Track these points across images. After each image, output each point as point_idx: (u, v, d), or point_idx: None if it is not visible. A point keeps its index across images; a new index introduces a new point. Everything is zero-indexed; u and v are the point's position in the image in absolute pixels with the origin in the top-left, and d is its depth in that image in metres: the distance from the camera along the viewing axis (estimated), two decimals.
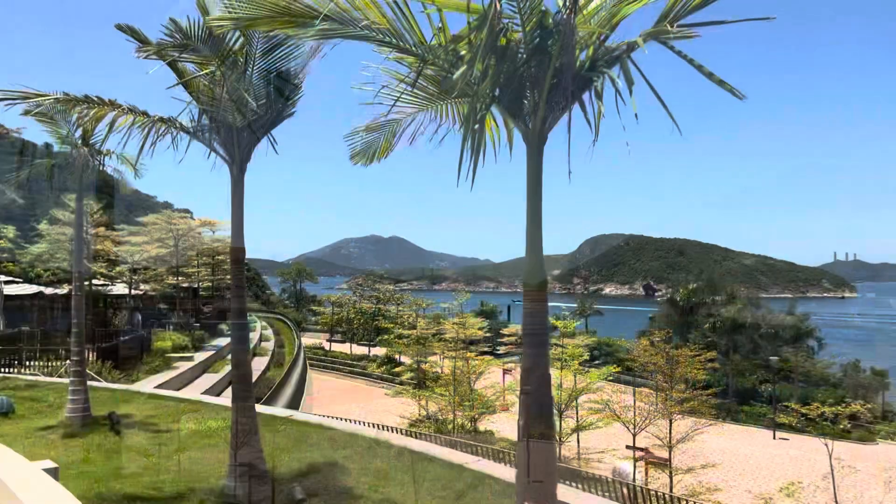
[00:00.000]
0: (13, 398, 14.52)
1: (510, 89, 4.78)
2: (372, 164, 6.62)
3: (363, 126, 6.32)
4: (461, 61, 4.73)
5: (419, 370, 48.51)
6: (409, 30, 4.63)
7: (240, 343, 9.04)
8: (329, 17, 4.40)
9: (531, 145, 4.82)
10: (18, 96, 8.38)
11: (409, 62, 5.07)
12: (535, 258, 4.88)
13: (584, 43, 4.68)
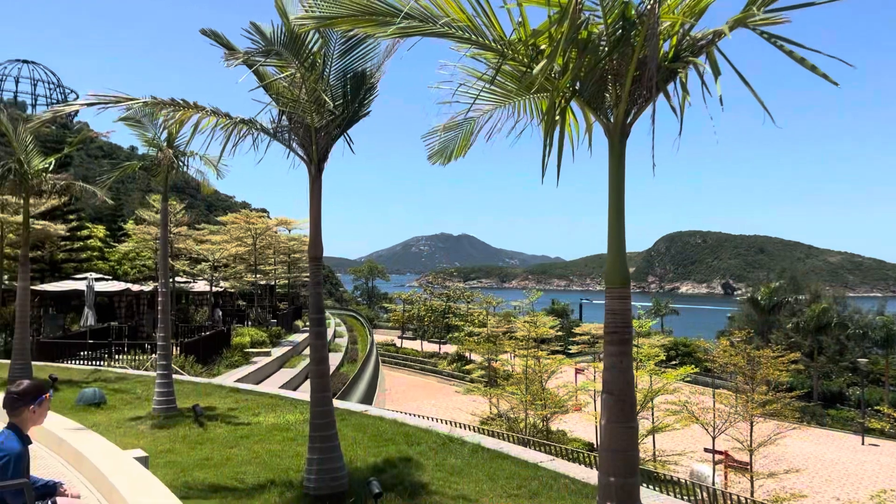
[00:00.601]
0: (105, 390, 15.24)
1: (591, 83, 4.70)
2: (449, 164, 6.63)
3: (441, 125, 6.33)
4: (541, 56, 4.68)
5: (490, 368, 48.48)
6: (488, 25, 4.61)
7: (318, 338, 9.21)
8: (409, 14, 4.43)
9: (613, 139, 4.73)
10: (111, 100, 8.71)
11: (488, 58, 5.05)
12: (617, 254, 4.78)
13: (668, 33, 4.56)
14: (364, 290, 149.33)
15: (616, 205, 4.69)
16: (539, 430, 31.81)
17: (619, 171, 4.68)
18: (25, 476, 4.39)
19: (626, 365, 4.71)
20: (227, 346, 32.27)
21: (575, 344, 51.11)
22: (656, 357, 31.00)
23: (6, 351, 27.37)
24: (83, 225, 43.97)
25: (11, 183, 16.42)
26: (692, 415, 28.51)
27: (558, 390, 34.24)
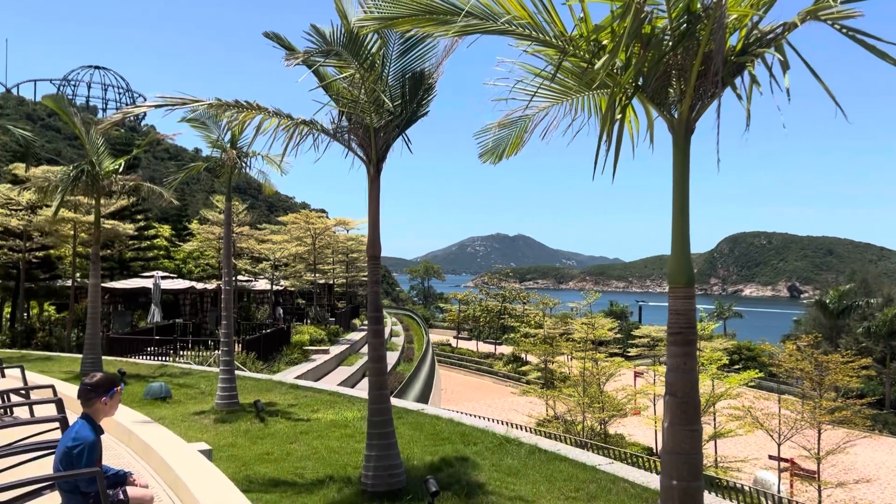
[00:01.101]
0: (170, 385, 15.71)
1: (654, 78, 4.61)
2: (501, 162, 6.59)
3: (495, 123, 6.29)
4: (603, 51, 4.61)
5: (546, 370, 48.13)
6: (549, 22, 4.57)
7: (376, 337, 9.29)
8: (470, 13, 4.42)
9: (677, 135, 4.62)
10: (177, 102, 8.96)
11: (547, 55, 5.00)
12: (681, 253, 4.67)
13: (735, 26, 4.44)
14: (420, 290, 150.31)
15: (680, 202, 4.58)
16: (596, 433, 31.42)
17: (684, 168, 4.57)
18: (98, 465, 4.55)
19: (691, 366, 4.60)
20: (287, 343, 32.88)
21: (634, 346, 50.34)
22: (718, 361, 30.27)
23: (78, 345, 28.53)
24: (150, 225, 45.46)
25: (84, 184, 17.08)
26: (756, 420, 27.74)
27: (616, 393, 33.77)
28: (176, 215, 58.52)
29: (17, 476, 4.87)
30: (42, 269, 35.17)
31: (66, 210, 26.90)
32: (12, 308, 35.93)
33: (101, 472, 4.43)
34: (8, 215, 30.95)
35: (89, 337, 17.55)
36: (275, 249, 43.12)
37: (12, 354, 20.99)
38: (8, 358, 18.67)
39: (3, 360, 10.05)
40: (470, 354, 71.46)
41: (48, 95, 18.06)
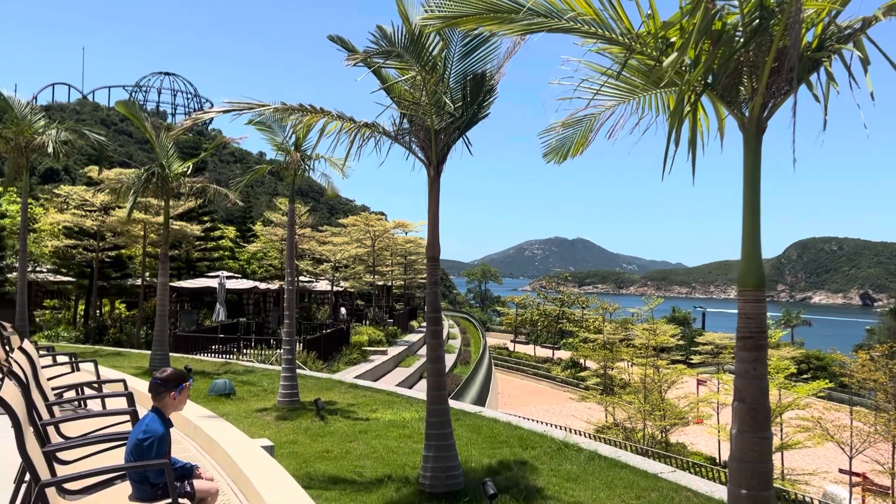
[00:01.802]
0: (234, 382, 16.10)
1: (725, 75, 4.48)
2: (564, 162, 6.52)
3: (559, 122, 6.23)
4: (671, 49, 4.51)
5: (606, 376, 47.44)
6: (616, 19, 4.49)
7: (434, 337, 9.31)
8: (534, 11, 4.39)
9: (748, 135, 4.48)
10: (244, 106, 9.17)
11: (613, 53, 4.92)
12: (752, 256, 4.52)
13: (812, 21, 4.27)
14: (477, 293, 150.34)
15: (751, 203, 4.44)
16: (657, 441, 30.78)
17: (755, 169, 4.42)
18: (167, 457, 4.68)
19: (761, 372, 4.45)
20: (347, 343, 33.33)
21: (697, 354, 49.15)
22: (786, 370, 29.28)
23: (147, 342, 29.55)
24: (216, 226, 46.74)
25: (154, 186, 17.68)
26: (826, 432, 26.71)
27: (678, 401, 33.02)
28: (241, 217, 60.02)
29: (91, 465, 5.05)
30: (114, 267, 36.56)
31: (136, 211, 27.89)
32: (86, 305, 37.46)
33: (170, 464, 4.55)
34: (83, 216, 32.31)
35: (158, 334, 18.13)
36: (335, 251, 43.79)
37: (85, 349, 21.86)
38: (81, 353, 19.46)
39: (77, 355, 10.45)
40: (527, 359, 71.03)
41: (121, 101, 18.78)
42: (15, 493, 5.18)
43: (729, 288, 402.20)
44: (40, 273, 35.67)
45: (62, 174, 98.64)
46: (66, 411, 8.00)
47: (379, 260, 50.03)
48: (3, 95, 20.22)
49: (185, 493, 4.87)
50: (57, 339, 28.30)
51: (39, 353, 9.78)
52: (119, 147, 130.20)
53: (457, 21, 4.56)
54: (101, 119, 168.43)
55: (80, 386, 8.29)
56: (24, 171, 19.50)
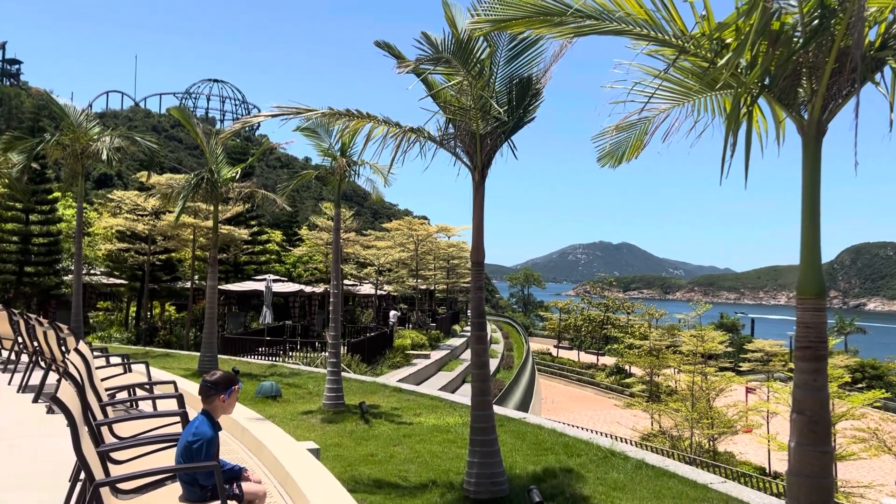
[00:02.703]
0: (280, 384, 16.27)
1: (783, 77, 4.35)
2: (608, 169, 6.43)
3: (612, 126, 6.14)
4: (726, 50, 4.40)
5: (652, 382, 46.72)
6: (669, 20, 4.40)
7: (479, 343, 9.26)
8: (583, 12, 4.33)
9: (807, 137, 4.33)
10: (291, 111, 9.27)
11: (666, 55, 4.82)
12: (811, 263, 4.37)
13: (875, 19, 4.12)
14: (519, 298, 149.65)
15: (810, 208, 4.29)
16: (705, 450, 30.15)
17: (815, 172, 4.28)
18: (216, 459, 4.74)
19: (821, 383, 4.29)
20: (390, 347, 33.49)
21: (746, 361, 48.05)
22: (840, 378, 28.39)
23: (196, 344, 30.14)
24: (263, 230, 47.47)
25: (204, 190, 18.02)
26: (883, 444, 25.80)
27: (727, 410, 32.29)
28: (287, 221, 60.86)
29: (142, 465, 5.14)
30: (164, 271, 37.43)
31: (186, 215, 28.52)
32: (137, 307, 38.42)
33: (219, 466, 4.61)
34: (135, 220, 33.16)
35: (206, 336, 18.46)
36: (379, 255, 44.09)
37: (137, 351, 22.39)
38: (133, 354, 19.92)
39: (129, 357, 10.69)
40: (571, 364, 70.37)
41: (174, 107, 19.18)
42: (70, 491, 5.31)
43: (779, 293, 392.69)
44: (94, 276, 36.73)
45: (115, 179, 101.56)
46: (118, 412, 8.18)
47: (422, 264, 50.19)
48: (60, 104, 20.89)
49: (233, 494, 4.93)
50: (109, 340, 29.06)
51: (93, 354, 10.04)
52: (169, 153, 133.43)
53: (506, 24, 4.53)
54: (153, 125, 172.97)
55: (132, 387, 8.48)
56: (79, 177, 20.09)
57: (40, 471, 6.99)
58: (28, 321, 11.96)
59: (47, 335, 10.19)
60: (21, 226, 34.22)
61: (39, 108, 54.09)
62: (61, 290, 34.80)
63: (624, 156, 6.42)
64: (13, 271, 33.16)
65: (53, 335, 9.97)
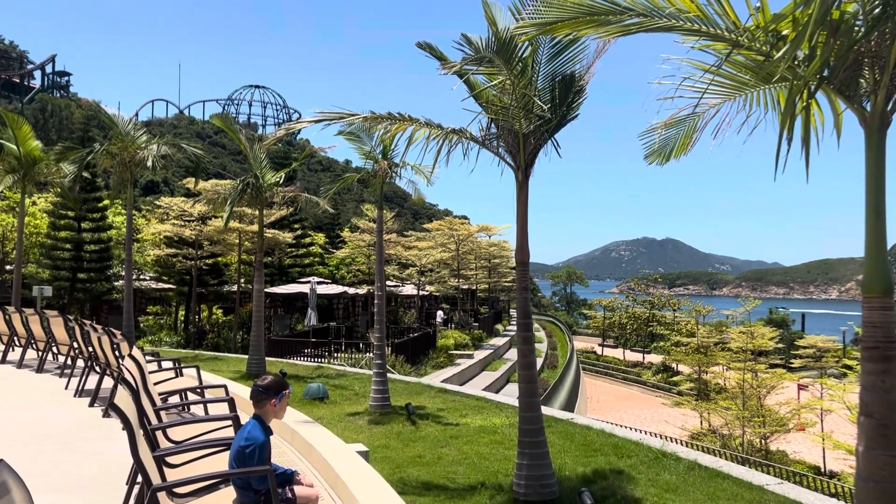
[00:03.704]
0: (327, 385, 16.42)
1: (843, 68, 4.19)
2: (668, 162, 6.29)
3: (661, 123, 6.01)
4: (782, 42, 4.26)
5: (700, 380, 45.91)
6: (721, 14, 4.28)
7: (525, 343, 9.19)
8: (632, 10, 4.24)
9: (870, 130, 4.17)
10: (333, 116, 9.33)
11: (717, 49, 4.69)
12: (877, 259, 4.21)
13: None
14: (562, 296, 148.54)
15: (875, 203, 4.12)
16: (757, 449, 29.49)
17: (879, 165, 4.11)
18: (268, 463, 4.78)
19: (890, 385, 4.12)
20: (433, 347, 33.55)
21: (797, 357, 46.88)
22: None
23: (243, 346, 30.62)
24: (306, 233, 47.99)
25: (249, 196, 18.29)
26: None
27: (779, 408, 31.52)
28: (329, 224, 61.44)
29: (196, 469, 5.22)
30: (211, 275, 38.13)
31: (232, 220, 28.98)
32: (186, 311, 39.22)
33: (272, 470, 4.64)
34: (182, 226, 33.85)
35: (254, 339, 18.73)
36: (420, 256, 44.20)
37: (186, 354, 22.83)
38: (183, 357, 20.31)
39: (181, 360, 10.90)
40: (616, 363, 69.57)
41: (217, 115, 19.51)
42: (128, 494, 5.42)
43: (830, 288, 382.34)
44: (144, 281, 37.62)
45: (162, 186, 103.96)
46: (171, 415, 8.34)
47: (463, 264, 50.14)
48: (108, 114, 21.43)
49: (286, 498, 4.96)
50: (160, 343, 29.72)
51: (146, 358, 10.26)
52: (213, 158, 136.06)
53: (552, 27, 4.46)
54: (197, 132, 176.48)
55: (184, 391, 8.63)
56: (128, 185, 20.58)
57: (97, 473, 7.16)
58: (83, 327, 12.28)
59: (101, 341, 10.43)
60: (74, 233, 35.23)
61: (89, 118, 55.67)
62: (113, 296, 35.74)
63: (672, 153, 6.28)
64: (67, 278, 34.15)
65: (107, 340, 10.20)
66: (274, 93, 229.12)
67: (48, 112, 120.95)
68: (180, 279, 37.06)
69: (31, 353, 14.54)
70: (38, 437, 8.60)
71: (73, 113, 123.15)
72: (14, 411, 10.30)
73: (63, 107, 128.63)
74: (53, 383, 12.60)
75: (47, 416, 10.08)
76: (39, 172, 23.00)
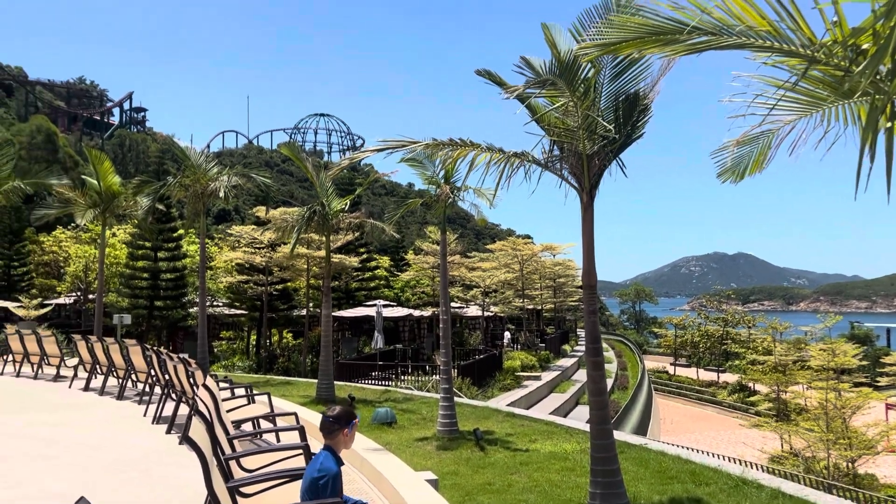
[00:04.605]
0: (394, 410, 16.43)
1: None
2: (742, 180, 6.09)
3: (733, 140, 5.83)
4: (862, 57, 4.06)
5: (779, 400, 44.13)
6: (795, 29, 4.12)
7: (595, 369, 8.99)
8: (700, 28, 4.12)
9: None
10: (396, 144, 9.44)
11: (792, 65, 4.52)
12: None
13: None
14: (631, 314, 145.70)
15: None
16: (843, 473, 28.05)
17: None
18: (340, 495, 4.78)
19: None
20: (499, 369, 33.30)
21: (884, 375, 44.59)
22: None
23: (312, 370, 31.08)
24: (371, 257, 48.60)
25: (316, 223, 18.65)
26: None
27: (866, 429, 29.95)
28: (394, 247, 62.08)
29: (267, 499, 5.26)
30: (281, 300, 38.96)
31: (300, 246, 29.58)
32: (257, 335, 40.13)
33: (344, 502, 4.64)
34: (253, 253, 34.76)
35: (323, 363, 18.96)
36: (484, 277, 44.12)
37: (258, 379, 23.29)
38: (255, 382, 20.75)
39: (252, 386, 11.10)
40: (689, 382, 67.54)
41: (284, 144, 20.03)
42: None
43: None
44: (217, 307, 38.71)
45: (233, 214, 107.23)
46: (244, 443, 8.48)
47: (528, 284, 49.79)
48: (181, 147, 22.26)
49: None
50: (233, 368, 30.45)
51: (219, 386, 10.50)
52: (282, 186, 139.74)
53: (616, 48, 4.38)
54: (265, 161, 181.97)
55: (256, 419, 8.76)
56: (200, 215, 21.28)
57: (172, 499, 7.32)
58: (160, 355, 12.67)
59: (177, 369, 10.74)
60: (150, 263, 36.61)
61: (163, 151, 58.16)
62: (188, 322, 36.90)
63: (746, 170, 6.08)
64: (145, 306, 35.46)
65: (182, 369, 10.48)
66: (338, 120, 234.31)
67: (126, 146, 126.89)
68: (251, 305, 37.98)
69: (112, 380, 15.09)
70: (118, 464, 8.87)
71: (148, 147, 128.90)
72: (96, 438, 10.67)
73: (140, 141, 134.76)
74: (133, 410, 13.03)
75: (126, 442, 10.41)
76: (118, 205, 24.05)
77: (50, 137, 77.89)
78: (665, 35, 4.21)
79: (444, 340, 15.38)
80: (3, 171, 23.14)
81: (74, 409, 13.31)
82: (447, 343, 15.38)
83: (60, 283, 43.65)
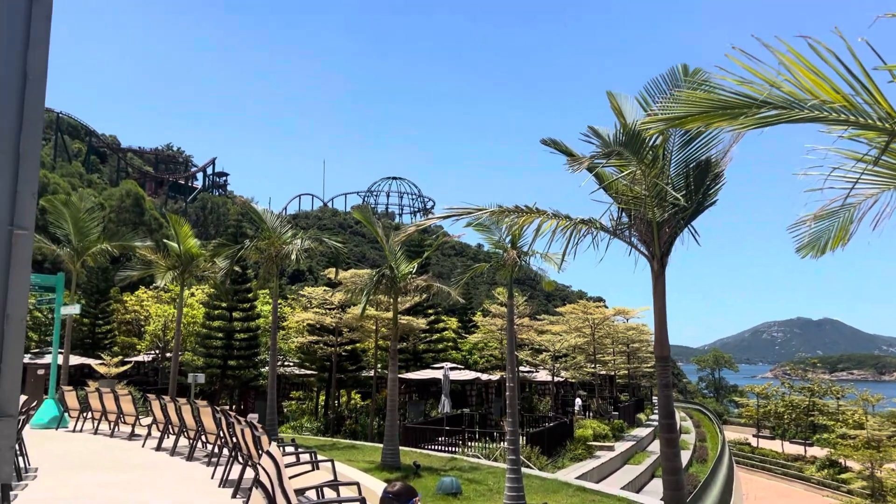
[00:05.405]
0: (460, 479, 16.04)
1: None
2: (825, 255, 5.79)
3: (810, 215, 5.59)
4: None
5: (874, 478, 41.13)
6: (872, 103, 3.94)
7: (669, 446, 8.58)
8: (768, 103, 3.99)
9: None
10: (462, 212, 9.51)
11: (870, 137, 4.32)
12: None
13: None
14: (709, 382, 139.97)
15: None
16: None
17: None
18: None
19: None
20: (570, 437, 32.28)
21: None
22: None
23: (379, 433, 30.89)
24: (439, 318, 48.58)
25: (384, 285, 18.82)
26: None
27: None
28: (462, 308, 61.90)
29: None
30: (350, 360, 39.22)
31: (369, 308, 29.86)
32: (326, 396, 40.35)
33: None
34: (323, 314, 35.29)
35: (389, 428, 18.81)
36: (554, 340, 43.31)
37: (324, 442, 23.28)
38: (321, 445, 20.74)
39: (317, 451, 11.06)
40: (774, 456, 63.78)
41: (356, 207, 20.47)
42: None
43: None
44: (288, 367, 39.25)
45: (307, 274, 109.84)
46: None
47: (600, 348, 48.55)
48: (258, 211, 23.03)
49: None
50: (301, 430, 30.58)
51: (284, 451, 10.48)
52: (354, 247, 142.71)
53: (682, 122, 4.29)
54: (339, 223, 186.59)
55: (320, 487, 8.68)
56: (274, 277, 21.80)
57: None
58: (228, 417, 12.82)
59: (244, 433, 10.81)
60: (225, 322, 37.59)
61: (242, 214, 60.31)
62: (259, 382, 37.46)
63: (827, 245, 5.79)
64: (219, 365, 36.26)
65: (249, 433, 10.54)
66: (410, 183, 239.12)
67: (208, 209, 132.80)
68: (321, 365, 38.35)
69: (183, 440, 15.34)
70: None
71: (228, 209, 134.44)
72: (165, 500, 10.77)
73: (220, 204, 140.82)
74: (201, 472, 13.14)
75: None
76: (196, 267, 24.93)
77: (137, 201, 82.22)
78: (732, 109, 4.09)
79: (511, 409, 15.02)
80: (92, 234, 24.44)
81: (146, 469, 13.54)
82: (514, 412, 15.02)
83: (140, 341, 45.24)
